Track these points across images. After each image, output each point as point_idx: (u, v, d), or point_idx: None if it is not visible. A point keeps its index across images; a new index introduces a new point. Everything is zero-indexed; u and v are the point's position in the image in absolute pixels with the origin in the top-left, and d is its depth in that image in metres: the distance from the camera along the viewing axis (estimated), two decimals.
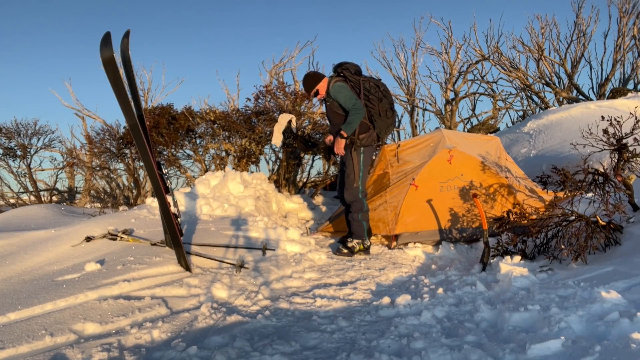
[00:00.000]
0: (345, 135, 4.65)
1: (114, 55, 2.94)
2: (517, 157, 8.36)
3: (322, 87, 4.83)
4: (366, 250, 4.84)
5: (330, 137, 5.00)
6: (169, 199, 3.60)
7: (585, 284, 2.97)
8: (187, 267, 3.71)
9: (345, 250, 4.74)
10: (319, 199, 8.23)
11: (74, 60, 26.85)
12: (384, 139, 5.14)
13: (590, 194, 4.24)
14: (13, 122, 10.52)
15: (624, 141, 4.09)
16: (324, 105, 5.09)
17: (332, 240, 5.36)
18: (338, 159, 5.14)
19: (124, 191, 10.62)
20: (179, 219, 3.74)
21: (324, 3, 32.93)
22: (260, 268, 4.03)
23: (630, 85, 14.69)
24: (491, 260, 3.98)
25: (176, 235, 3.58)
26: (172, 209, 3.59)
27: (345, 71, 4.82)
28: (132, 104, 3.21)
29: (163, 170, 3.47)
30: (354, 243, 4.80)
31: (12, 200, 10.88)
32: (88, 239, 4.22)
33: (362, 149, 4.81)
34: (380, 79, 5.00)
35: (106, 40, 2.98)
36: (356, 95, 4.68)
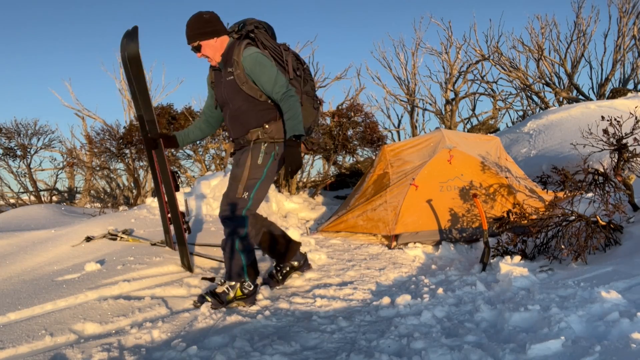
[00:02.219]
0: (301, 137, 3.07)
1: (139, 50, 2.91)
2: (517, 157, 8.36)
3: (213, 47, 3.12)
4: (249, 298, 3.20)
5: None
6: (179, 197, 3.62)
7: (585, 284, 2.97)
8: (189, 268, 3.71)
9: (210, 301, 3.10)
10: (319, 199, 8.24)
11: (74, 60, 26.88)
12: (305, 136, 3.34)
13: (590, 194, 4.24)
14: (13, 122, 10.53)
15: (624, 141, 4.09)
16: (212, 71, 3.32)
17: (332, 241, 5.36)
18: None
19: (124, 191, 10.63)
20: (186, 218, 3.75)
21: (324, 3, 32.95)
22: (259, 268, 4.03)
23: (630, 85, 14.69)
24: (491, 260, 3.98)
25: (182, 234, 3.59)
26: (181, 208, 3.60)
27: (260, 32, 3.19)
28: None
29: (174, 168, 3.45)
30: (225, 287, 3.17)
31: (12, 200, 10.88)
32: (88, 239, 4.22)
33: (276, 147, 3.22)
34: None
35: (133, 35, 2.95)
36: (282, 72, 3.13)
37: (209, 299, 3.12)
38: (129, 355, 2.41)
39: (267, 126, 3.18)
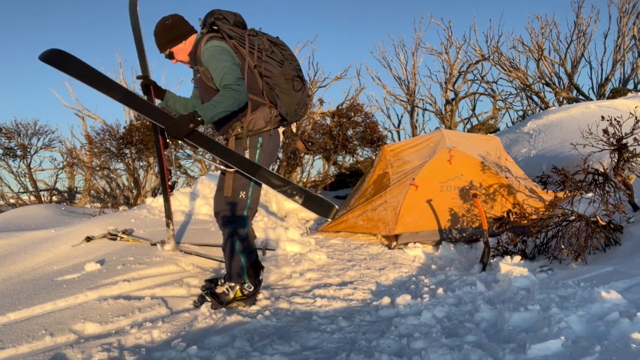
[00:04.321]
0: (198, 119, 2.80)
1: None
2: (517, 157, 8.36)
3: (184, 50, 3.11)
4: (249, 299, 3.19)
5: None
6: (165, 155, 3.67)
7: (585, 284, 2.97)
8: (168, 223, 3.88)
9: (210, 301, 3.11)
10: None
11: None
12: (292, 121, 3.31)
13: (590, 194, 4.24)
14: (13, 122, 10.52)
15: (624, 141, 4.09)
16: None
17: (332, 241, 5.36)
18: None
19: (124, 191, 10.62)
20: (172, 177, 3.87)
21: (324, 3, 32.95)
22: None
23: (630, 85, 14.70)
24: (491, 260, 3.98)
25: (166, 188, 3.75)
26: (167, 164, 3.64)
27: (221, 22, 3.06)
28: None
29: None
30: (225, 288, 3.15)
31: (12, 200, 10.88)
32: (88, 239, 4.22)
33: (259, 139, 3.11)
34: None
35: None
36: (239, 63, 2.99)
37: (209, 299, 3.11)
38: (129, 355, 2.41)
39: (244, 119, 3.08)
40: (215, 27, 3.06)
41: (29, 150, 10.69)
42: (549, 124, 9.12)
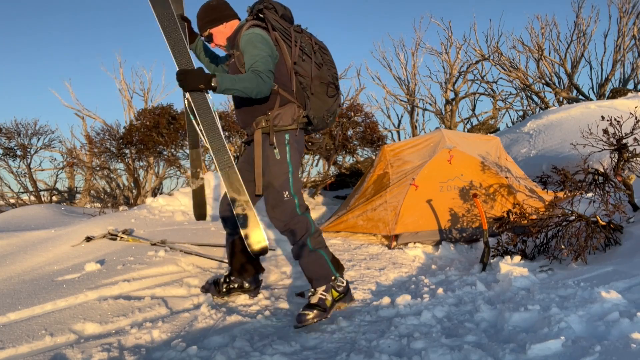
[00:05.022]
0: (212, 82, 2.62)
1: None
2: (517, 157, 8.36)
3: (223, 33, 3.03)
4: (346, 295, 3.00)
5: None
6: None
7: (585, 284, 2.97)
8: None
9: (312, 314, 2.76)
10: (319, 199, 8.24)
11: (74, 60, 26.88)
12: (319, 127, 3.12)
13: (590, 194, 4.24)
14: (13, 122, 10.50)
15: (624, 141, 4.09)
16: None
17: (332, 241, 5.36)
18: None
19: (124, 191, 10.62)
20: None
21: (324, 3, 32.95)
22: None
23: (630, 85, 14.70)
24: (491, 260, 3.98)
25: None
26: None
27: (269, 12, 2.95)
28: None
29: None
30: (320, 293, 2.87)
31: (12, 200, 10.87)
32: (88, 239, 4.22)
33: (286, 136, 2.93)
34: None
35: None
36: (277, 55, 2.88)
37: (310, 314, 2.75)
38: (129, 355, 2.41)
39: (270, 113, 2.90)
40: (261, 16, 2.95)
41: (29, 150, 10.69)
42: (549, 124, 9.12)
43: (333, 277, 2.91)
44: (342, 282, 2.96)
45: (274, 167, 2.89)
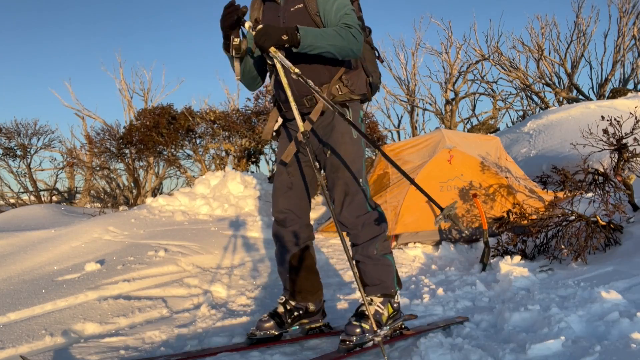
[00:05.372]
0: (296, 35, 2.13)
1: None
2: (517, 157, 8.36)
3: None
4: (399, 313, 2.52)
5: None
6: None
7: (585, 284, 2.97)
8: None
9: (366, 326, 2.25)
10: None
11: (74, 60, 26.84)
12: (366, 100, 2.56)
13: (590, 194, 4.24)
14: (13, 122, 10.50)
15: (624, 141, 4.09)
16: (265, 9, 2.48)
17: (332, 241, 5.35)
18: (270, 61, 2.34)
19: (124, 191, 10.62)
20: None
21: None
22: (259, 268, 4.03)
23: (630, 85, 14.69)
24: (491, 260, 3.98)
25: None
26: None
27: None
28: None
29: None
30: (377, 304, 2.40)
31: (12, 200, 10.87)
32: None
33: (361, 113, 2.50)
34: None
35: None
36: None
37: (364, 327, 2.24)
38: (129, 355, 2.41)
39: (345, 76, 2.38)
40: None
41: (29, 150, 10.69)
42: (549, 124, 9.11)
43: (393, 290, 2.47)
44: (398, 298, 2.51)
45: (349, 147, 2.37)
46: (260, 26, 2.18)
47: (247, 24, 2.25)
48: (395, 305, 2.46)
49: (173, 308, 3.07)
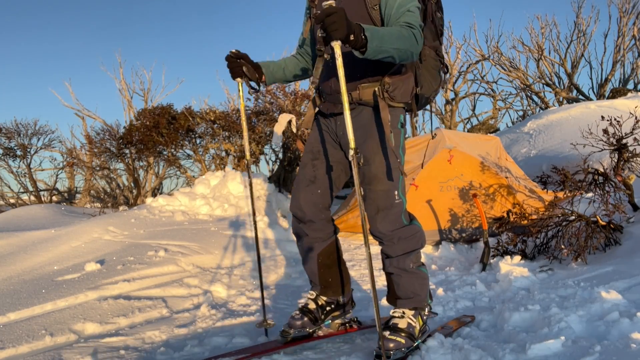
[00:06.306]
0: (362, 35, 1.80)
1: None
2: (517, 157, 8.36)
3: None
4: (426, 328, 2.39)
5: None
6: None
7: (585, 284, 2.97)
8: None
9: (402, 340, 2.21)
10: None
11: (74, 60, 26.84)
12: (417, 109, 2.40)
13: (590, 194, 4.24)
14: (13, 122, 10.50)
15: (624, 141, 4.09)
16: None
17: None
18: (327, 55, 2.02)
19: (124, 191, 10.61)
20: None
21: None
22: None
23: (630, 85, 14.69)
24: (491, 260, 3.98)
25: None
26: None
27: None
28: None
29: None
30: (409, 317, 2.30)
31: (12, 200, 10.87)
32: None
33: (400, 117, 2.30)
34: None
35: None
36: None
37: (400, 340, 2.19)
38: (129, 355, 2.41)
39: (388, 80, 2.16)
40: None
41: (29, 150, 10.69)
42: (549, 124, 9.12)
43: (425, 304, 2.38)
44: (428, 312, 2.41)
45: (386, 158, 2.21)
46: (332, 3, 1.80)
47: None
48: (424, 317, 2.37)
49: (173, 308, 3.08)
